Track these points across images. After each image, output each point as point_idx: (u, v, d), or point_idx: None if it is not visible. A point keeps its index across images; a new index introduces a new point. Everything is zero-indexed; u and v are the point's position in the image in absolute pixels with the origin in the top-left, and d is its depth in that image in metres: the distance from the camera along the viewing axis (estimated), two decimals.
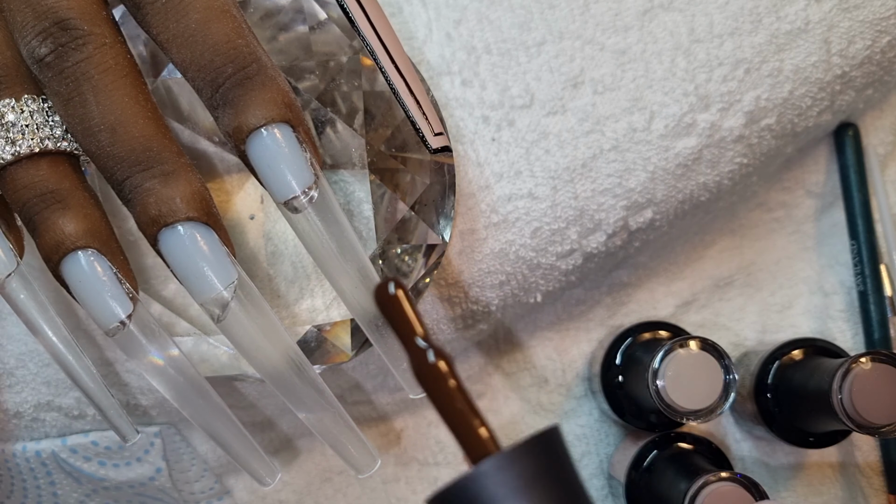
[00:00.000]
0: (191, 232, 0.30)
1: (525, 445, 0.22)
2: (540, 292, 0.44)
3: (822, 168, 0.50)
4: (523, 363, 0.51)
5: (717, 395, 0.40)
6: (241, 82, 0.30)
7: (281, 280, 0.39)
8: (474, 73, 0.40)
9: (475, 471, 0.21)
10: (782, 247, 0.51)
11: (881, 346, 0.48)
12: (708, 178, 0.43)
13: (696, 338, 0.40)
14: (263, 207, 0.39)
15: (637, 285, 0.50)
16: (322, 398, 0.33)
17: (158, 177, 0.30)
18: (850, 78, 0.43)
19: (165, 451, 0.44)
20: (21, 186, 0.31)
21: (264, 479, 0.35)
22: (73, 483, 0.45)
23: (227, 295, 0.31)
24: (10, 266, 0.33)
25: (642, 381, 0.41)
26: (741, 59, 0.41)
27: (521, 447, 0.22)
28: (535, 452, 0.22)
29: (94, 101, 0.30)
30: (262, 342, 0.32)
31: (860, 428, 0.39)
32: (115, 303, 0.32)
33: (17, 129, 0.31)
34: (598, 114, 0.41)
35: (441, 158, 0.39)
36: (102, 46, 0.30)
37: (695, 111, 0.41)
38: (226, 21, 0.30)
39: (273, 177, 0.31)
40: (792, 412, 0.44)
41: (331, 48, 0.38)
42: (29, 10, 0.30)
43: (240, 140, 0.30)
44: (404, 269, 0.39)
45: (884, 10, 0.41)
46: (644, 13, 0.41)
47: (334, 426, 0.33)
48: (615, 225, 0.42)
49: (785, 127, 0.43)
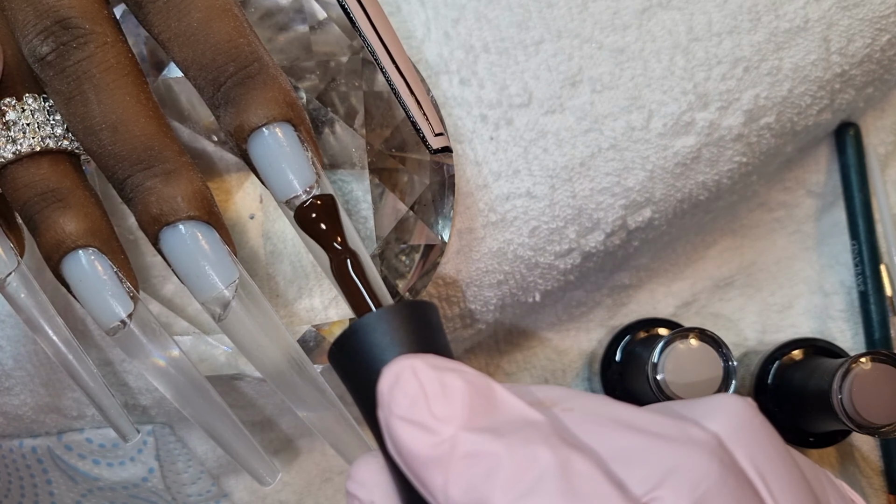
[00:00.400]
0: (192, 231, 0.30)
1: (399, 306, 0.27)
2: (539, 292, 0.44)
3: (822, 168, 0.50)
4: (523, 363, 0.51)
5: (718, 386, 0.40)
6: (243, 81, 0.30)
7: (280, 279, 0.39)
8: (472, 71, 0.41)
9: (361, 319, 0.27)
10: (783, 247, 0.51)
11: (881, 346, 0.48)
12: (707, 177, 0.43)
13: (694, 330, 0.40)
14: (263, 207, 0.39)
15: (637, 286, 0.50)
16: (323, 397, 0.33)
17: (160, 175, 0.30)
18: (849, 76, 0.43)
19: (158, 451, 0.44)
20: (22, 185, 0.31)
21: (265, 478, 0.35)
22: (69, 482, 0.45)
23: (229, 294, 0.31)
24: (10, 265, 0.33)
25: (642, 376, 0.41)
26: (740, 57, 0.41)
27: (396, 307, 0.27)
28: (409, 314, 0.27)
29: (95, 100, 0.30)
30: (263, 341, 0.32)
31: (860, 428, 0.39)
32: (115, 302, 0.32)
33: (18, 128, 0.31)
34: (597, 112, 0.41)
35: (441, 158, 0.39)
36: (104, 45, 0.30)
37: (693, 110, 0.41)
38: (227, 20, 0.30)
39: (274, 176, 0.31)
40: (792, 412, 0.44)
41: (331, 48, 0.38)
42: (30, 9, 0.30)
43: (241, 139, 0.30)
44: (402, 269, 0.39)
45: (883, 8, 0.41)
46: (642, 12, 0.41)
47: (335, 425, 0.33)
48: (614, 224, 0.42)
49: (784, 126, 0.43)
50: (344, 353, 0.27)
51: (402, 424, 0.24)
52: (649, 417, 0.25)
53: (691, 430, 0.24)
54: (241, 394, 0.44)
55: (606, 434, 0.25)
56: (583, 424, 0.25)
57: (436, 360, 0.26)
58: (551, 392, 0.27)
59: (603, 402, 0.26)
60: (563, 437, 0.24)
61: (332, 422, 0.33)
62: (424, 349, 0.27)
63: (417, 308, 0.28)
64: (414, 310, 0.27)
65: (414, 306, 0.27)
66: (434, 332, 0.28)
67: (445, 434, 0.24)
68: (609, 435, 0.24)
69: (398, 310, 0.27)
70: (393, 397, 0.25)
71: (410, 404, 0.24)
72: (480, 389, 0.25)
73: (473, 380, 0.25)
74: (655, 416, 0.25)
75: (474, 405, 0.25)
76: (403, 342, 0.26)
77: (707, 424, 0.25)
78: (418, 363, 0.25)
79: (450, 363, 0.26)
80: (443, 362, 0.26)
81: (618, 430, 0.25)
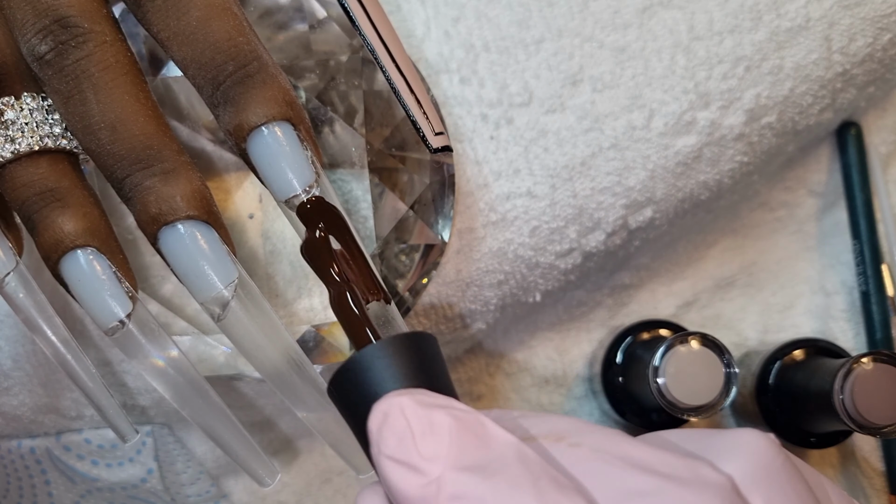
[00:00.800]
0: (191, 230, 0.30)
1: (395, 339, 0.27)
2: (539, 292, 0.44)
3: (824, 167, 0.50)
4: (524, 364, 0.50)
5: (719, 391, 0.40)
6: (242, 80, 0.30)
7: (279, 279, 0.39)
8: (473, 70, 0.40)
9: (357, 354, 0.27)
10: (784, 246, 0.51)
11: (883, 346, 0.48)
12: (708, 177, 0.43)
13: (696, 334, 0.40)
14: (262, 206, 0.39)
15: (638, 286, 0.50)
16: (323, 398, 0.33)
17: (159, 175, 0.30)
18: (851, 76, 0.43)
19: (157, 452, 0.44)
20: (20, 185, 0.31)
21: (264, 479, 0.34)
22: (67, 483, 0.45)
23: (228, 294, 0.31)
24: (9, 265, 0.33)
25: (643, 378, 0.41)
26: (741, 56, 0.41)
27: (392, 340, 0.27)
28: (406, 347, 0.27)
29: (94, 99, 0.30)
30: (262, 341, 0.32)
31: (861, 428, 0.39)
32: (114, 302, 0.32)
33: (16, 127, 0.31)
34: (598, 112, 0.41)
35: (441, 158, 0.39)
36: (103, 44, 0.30)
37: (695, 109, 0.41)
38: (227, 18, 0.30)
39: (274, 175, 0.30)
40: (793, 412, 0.44)
41: (330, 47, 0.38)
42: (29, 8, 0.30)
43: (240, 138, 0.30)
44: (402, 268, 0.39)
45: (885, 7, 0.41)
46: (643, 10, 0.41)
47: (335, 426, 0.33)
48: (614, 224, 0.42)
49: (786, 125, 0.43)
50: (341, 387, 0.27)
51: (390, 464, 0.24)
52: (660, 457, 0.24)
53: (704, 472, 0.24)
54: (241, 394, 0.44)
55: (614, 474, 0.24)
56: (590, 462, 0.24)
57: (425, 397, 0.25)
58: (560, 424, 0.26)
59: (613, 437, 0.25)
60: (555, 480, 0.23)
61: (331, 422, 0.33)
62: (419, 383, 0.26)
63: (414, 340, 0.27)
64: (411, 342, 0.27)
65: (411, 339, 0.27)
66: (431, 364, 0.27)
67: (432, 474, 0.24)
68: (617, 475, 0.24)
69: (394, 343, 0.27)
70: (381, 436, 0.25)
71: (398, 443, 0.24)
72: (470, 425, 0.24)
73: (462, 416, 0.25)
74: (667, 456, 0.24)
75: (463, 442, 0.24)
76: (398, 377, 0.26)
77: (722, 465, 0.24)
78: (406, 400, 0.25)
79: (439, 399, 0.25)
80: (432, 398, 0.25)
81: (626, 471, 0.24)
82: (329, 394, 0.28)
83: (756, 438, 0.25)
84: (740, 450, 0.25)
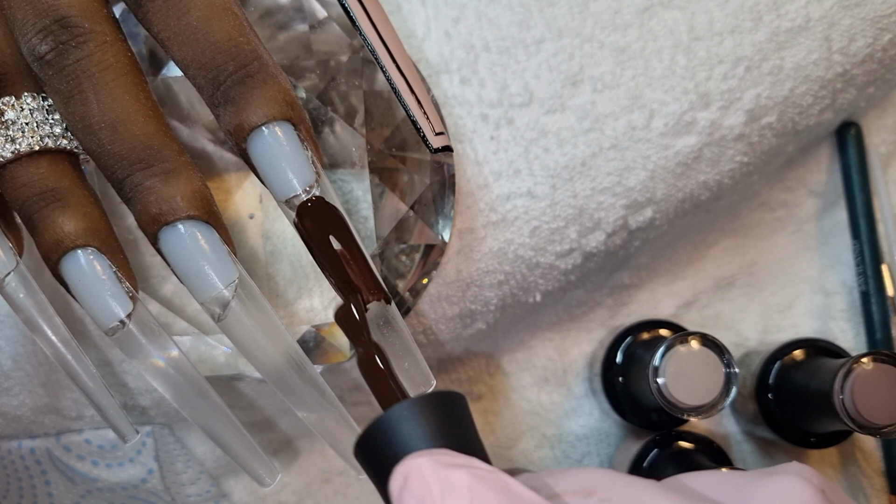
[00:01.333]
0: (191, 230, 0.30)
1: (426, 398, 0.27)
2: (539, 292, 0.44)
3: (824, 167, 0.50)
4: (524, 363, 0.50)
5: (719, 391, 0.40)
6: (243, 80, 0.30)
7: (279, 279, 0.39)
8: (473, 71, 0.40)
9: (384, 414, 0.27)
10: (784, 246, 0.51)
11: (883, 346, 0.48)
12: (708, 177, 0.43)
13: (696, 334, 0.40)
14: (262, 206, 0.39)
15: (638, 286, 0.50)
16: (323, 398, 0.33)
17: (159, 175, 0.30)
18: (851, 76, 0.43)
19: (157, 452, 0.44)
20: (21, 185, 0.31)
21: (264, 479, 0.34)
22: (67, 483, 0.45)
23: (228, 294, 0.31)
24: (9, 265, 0.33)
25: (643, 378, 0.41)
26: (741, 56, 0.41)
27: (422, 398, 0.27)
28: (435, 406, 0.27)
29: (94, 99, 0.30)
30: (262, 341, 0.32)
31: (862, 428, 0.39)
32: (114, 302, 0.32)
33: (16, 127, 0.31)
34: (598, 112, 0.41)
35: (441, 158, 0.39)
36: (103, 44, 0.30)
37: (695, 109, 0.41)
38: (227, 18, 0.30)
39: (274, 175, 0.30)
40: (793, 412, 0.44)
41: (331, 47, 0.38)
42: (29, 8, 0.30)
43: (241, 138, 0.30)
44: (402, 269, 0.39)
45: (885, 8, 0.41)
46: (644, 11, 0.41)
47: (335, 426, 0.33)
48: (615, 224, 0.42)
49: (786, 125, 0.43)
50: (368, 447, 0.27)
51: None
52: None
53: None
54: (241, 394, 0.44)
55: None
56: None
57: (445, 457, 0.25)
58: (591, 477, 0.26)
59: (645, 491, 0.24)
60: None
61: (331, 422, 0.33)
62: (444, 444, 0.26)
63: (442, 399, 0.27)
64: (438, 402, 0.27)
65: (438, 398, 0.27)
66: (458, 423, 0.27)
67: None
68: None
69: (420, 403, 0.27)
70: (402, 500, 0.24)
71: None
72: (493, 484, 0.24)
73: (483, 474, 0.24)
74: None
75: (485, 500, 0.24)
76: (423, 437, 0.26)
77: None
78: (425, 462, 0.25)
79: (460, 458, 0.25)
80: (453, 458, 0.25)
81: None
82: (356, 455, 0.28)
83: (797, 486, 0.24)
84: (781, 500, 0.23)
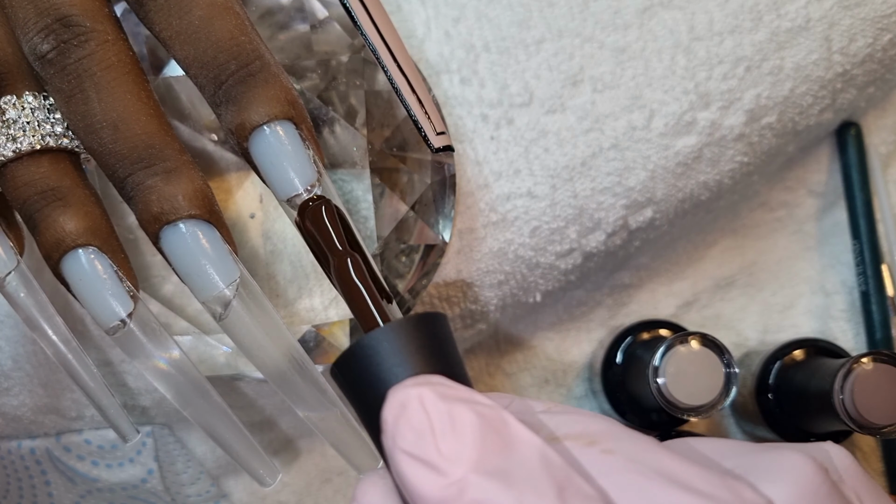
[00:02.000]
0: (193, 230, 0.30)
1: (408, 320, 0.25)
2: (539, 292, 0.44)
3: (824, 167, 0.50)
4: (524, 363, 0.50)
5: (719, 391, 0.40)
6: (244, 79, 0.30)
7: (280, 279, 0.39)
8: (473, 71, 0.40)
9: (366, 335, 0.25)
10: (784, 246, 0.51)
11: (883, 346, 0.48)
12: (708, 177, 0.43)
13: (696, 334, 0.40)
14: (263, 206, 0.39)
15: (638, 286, 0.50)
16: (324, 397, 0.33)
17: (160, 174, 0.30)
18: (851, 76, 0.43)
19: (157, 452, 0.44)
20: (22, 184, 0.31)
21: (265, 479, 0.34)
22: (67, 483, 0.45)
23: (230, 293, 0.31)
24: (10, 264, 0.33)
25: (643, 378, 0.41)
26: (741, 56, 0.41)
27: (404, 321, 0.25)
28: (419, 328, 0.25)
29: (96, 98, 0.30)
30: (264, 341, 0.32)
31: (861, 428, 0.39)
32: (115, 301, 0.31)
33: (18, 126, 0.31)
34: (598, 112, 0.41)
35: (442, 158, 0.39)
36: (105, 43, 0.30)
37: (695, 109, 0.41)
38: (229, 18, 0.30)
39: (275, 174, 0.30)
40: (793, 412, 0.44)
41: (331, 47, 0.38)
42: (31, 7, 0.30)
43: (242, 137, 0.30)
44: (402, 269, 0.39)
45: (885, 8, 0.41)
46: (644, 11, 0.41)
47: (336, 425, 0.33)
48: (615, 224, 0.42)
49: (786, 125, 0.43)
50: (347, 370, 0.26)
51: (407, 460, 0.23)
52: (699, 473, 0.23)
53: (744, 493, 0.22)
54: (241, 394, 0.44)
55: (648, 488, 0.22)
56: (623, 473, 0.23)
57: (446, 388, 0.24)
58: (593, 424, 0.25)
59: (649, 447, 0.24)
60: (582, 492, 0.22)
61: (333, 422, 0.33)
62: (435, 369, 0.25)
63: (428, 321, 0.26)
64: (424, 323, 0.26)
65: (424, 319, 0.26)
66: (445, 347, 0.26)
67: (454, 476, 0.22)
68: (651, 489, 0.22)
69: (406, 324, 0.25)
70: (398, 429, 0.23)
71: (417, 439, 0.23)
72: (494, 423, 0.23)
73: (486, 412, 0.23)
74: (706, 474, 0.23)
75: (486, 442, 0.23)
76: (412, 362, 0.25)
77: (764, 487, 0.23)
78: (426, 392, 0.23)
79: (461, 391, 0.24)
80: (454, 391, 0.24)
81: (661, 486, 0.22)
82: (332, 375, 0.26)
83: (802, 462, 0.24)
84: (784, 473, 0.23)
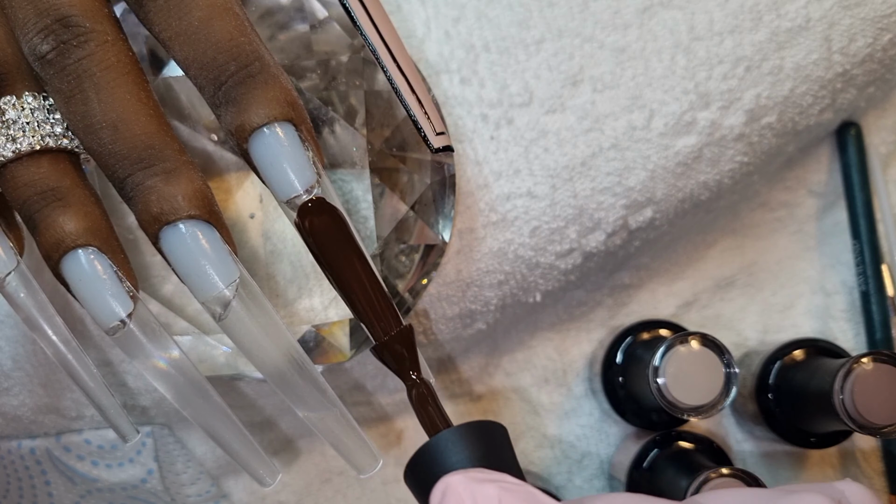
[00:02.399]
0: (192, 230, 0.30)
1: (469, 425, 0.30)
2: (539, 292, 0.44)
3: (824, 167, 0.50)
4: (524, 363, 0.50)
5: (719, 391, 0.40)
6: (244, 80, 0.30)
7: (280, 279, 0.39)
8: (473, 71, 0.40)
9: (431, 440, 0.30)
10: (784, 246, 0.51)
11: (883, 346, 0.48)
12: (708, 177, 0.43)
13: (696, 334, 0.40)
14: (263, 206, 0.39)
15: (638, 286, 0.50)
16: (324, 397, 0.33)
17: (160, 174, 0.30)
18: (851, 76, 0.43)
19: (157, 453, 0.44)
20: (21, 184, 0.31)
21: (265, 479, 0.34)
22: (67, 483, 0.45)
23: (229, 293, 0.31)
24: (9, 264, 0.33)
25: (643, 378, 0.41)
26: (741, 56, 0.41)
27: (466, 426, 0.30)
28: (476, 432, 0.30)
29: (95, 99, 0.30)
30: (263, 341, 0.32)
31: (862, 428, 0.39)
32: (115, 301, 0.31)
33: (17, 127, 0.31)
34: (598, 112, 0.41)
35: (442, 158, 0.39)
36: (104, 43, 0.30)
37: (695, 109, 0.41)
38: (229, 18, 0.30)
39: (275, 175, 0.30)
40: (793, 412, 0.44)
41: (331, 47, 0.38)
42: (31, 7, 0.29)
43: (242, 138, 0.30)
44: (402, 269, 0.39)
45: (885, 8, 0.41)
46: (644, 11, 0.41)
47: (336, 425, 0.33)
48: (615, 224, 0.42)
49: (786, 125, 0.43)
50: (414, 470, 0.30)
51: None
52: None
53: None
54: (241, 394, 0.44)
55: None
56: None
57: (478, 474, 0.28)
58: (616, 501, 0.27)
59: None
60: None
61: (332, 422, 0.33)
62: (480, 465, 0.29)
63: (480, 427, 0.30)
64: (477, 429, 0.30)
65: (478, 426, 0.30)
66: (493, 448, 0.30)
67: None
68: None
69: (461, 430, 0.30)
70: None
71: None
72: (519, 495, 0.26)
73: (512, 487, 0.27)
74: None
75: None
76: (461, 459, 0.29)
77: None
78: (459, 479, 0.27)
79: (492, 475, 0.28)
80: (485, 475, 0.28)
81: None
82: (405, 478, 0.31)
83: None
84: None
